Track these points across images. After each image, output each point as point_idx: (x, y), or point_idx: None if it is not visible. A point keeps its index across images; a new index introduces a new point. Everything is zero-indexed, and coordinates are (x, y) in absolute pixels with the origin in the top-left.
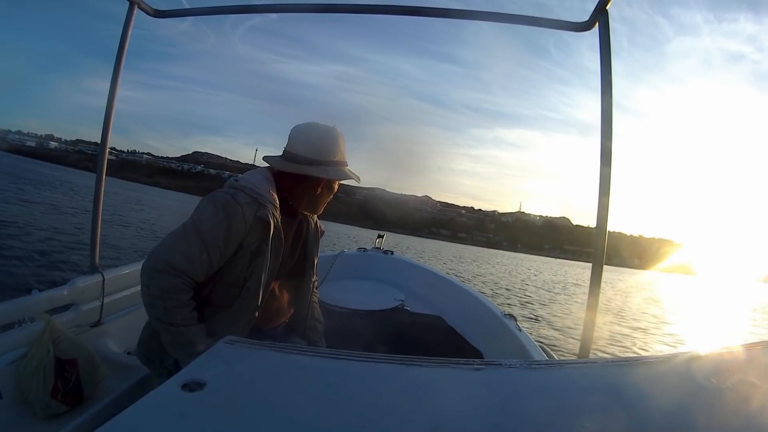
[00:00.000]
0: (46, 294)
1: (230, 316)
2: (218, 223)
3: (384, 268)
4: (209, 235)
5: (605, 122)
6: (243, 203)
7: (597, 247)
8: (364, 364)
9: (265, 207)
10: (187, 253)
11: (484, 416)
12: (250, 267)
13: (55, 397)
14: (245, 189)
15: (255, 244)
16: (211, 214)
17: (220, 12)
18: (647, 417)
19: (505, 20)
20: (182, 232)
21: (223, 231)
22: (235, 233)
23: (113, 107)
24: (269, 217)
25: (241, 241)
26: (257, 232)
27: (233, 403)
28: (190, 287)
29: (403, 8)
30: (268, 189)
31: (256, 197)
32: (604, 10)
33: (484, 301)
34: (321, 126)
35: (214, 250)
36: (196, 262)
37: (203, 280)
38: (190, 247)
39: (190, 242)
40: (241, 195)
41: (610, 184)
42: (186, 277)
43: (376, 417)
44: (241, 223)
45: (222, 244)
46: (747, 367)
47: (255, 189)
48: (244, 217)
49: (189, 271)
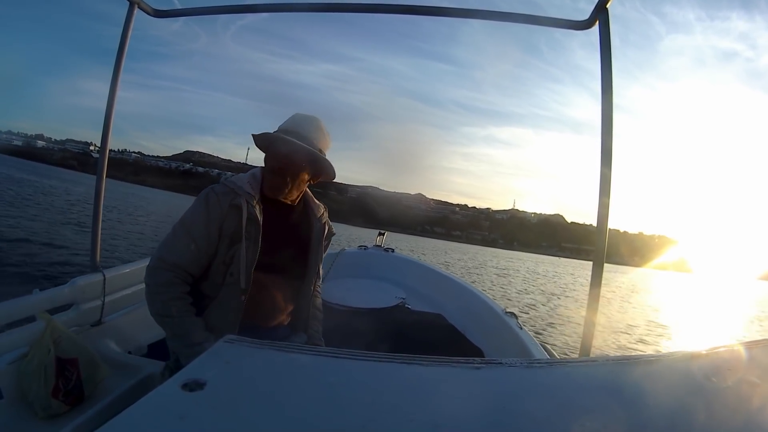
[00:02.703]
0: (46, 293)
1: (219, 305)
2: (198, 213)
3: (385, 266)
4: (192, 226)
5: (605, 121)
6: (219, 192)
7: (597, 246)
8: (364, 363)
9: (240, 196)
10: (176, 247)
11: (485, 415)
12: (230, 253)
13: (56, 396)
14: (227, 182)
15: (231, 230)
16: (194, 207)
17: (219, 12)
18: (648, 416)
19: (505, 19)
20: (172, 230)
21: (203, 219)
22: (213, 220)
23: (113, 107)
24: (243, 205)
25: (220, 228)
26: (232, 220)
27: (233, 403)
28: (184, 280)
29: (401, 7)
30: (248, 182)
31: (232, 188)
32: (604, 9)
33: (484, 299)
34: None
35: (200, 239)
36: (185, 253)
37: (199, 272)
38: (179, 240)
39: (178, 236)
40: (219, 186)
41: (611, 184)
42: (179, 269)
43: (377, 416)
44: (216, 209)
45: (205, 232)
46: (747, 366)
47: (234, 182)
48: (220, 205)
49: (181, 264)
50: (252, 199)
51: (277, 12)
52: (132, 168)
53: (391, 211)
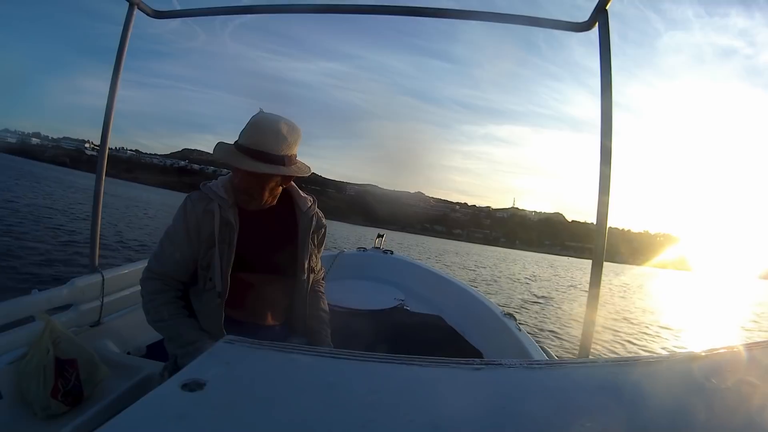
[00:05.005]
0: (45, 294)
1: (203, 309)
2: (178, 222)
3: (384, 267)
4: (173, 235)
5: (605, 122)
6: (194, 199)
7: (597, 245)
8: (364, 364)
9: (213, 201)
10: (162, 256)
11: (484, 416)
12: (206, 257)
13: (55, 397)
14: (203, 188)
15: (206, 235)
16: (175, 216)
17: (218, 13)
18: (647, 417)
19: (505, 20)
20: (160, 241)
21: (182, 227)
22: (191, 226)
23: (113, 107)
24: (216, 210)
25: (198, 234)
26: (207, 225)
27: (233, 403)
28: (173, 287)
29: (401, 8)
30: (223, 186)
31: (207, 193)
32: (604, 10)
33: (483, 301)
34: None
35: (182, 246)
36: (170, 261)
37: (186, 278)
38: (164, 250)
39: (163, 246)
40: (195, 194)
41: (610, 183)
42: (167, 277)
43: (376, 416)
44: (192, 216)
45: (186, 239)
46: (747, 367)
47: (210, 187)
48: (194, 211)
49: (168, 271)
50: (225, 202)
51: (276, 13)
52: (125, 165)
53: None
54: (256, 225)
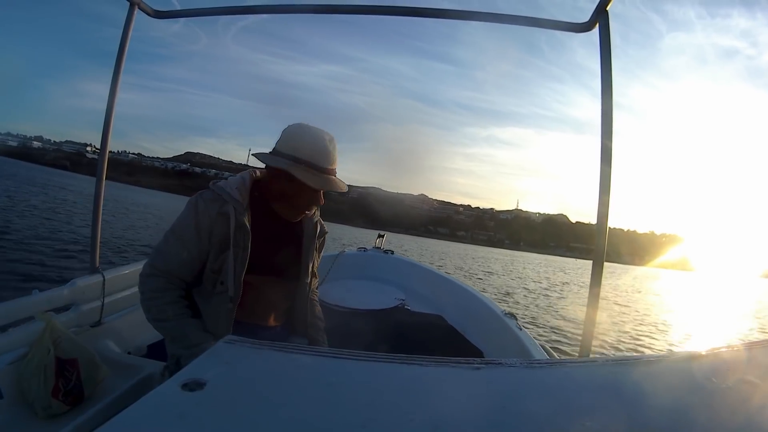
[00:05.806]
0: (46, 294)
1: (211, 312)
2: (188, 220)
3: (384, 267)
4: (182, 233)
5: (605, 122)
6: (207, 199)
7: (597, 245)
8: (364, 364)
9: (228, 203)
10: (167, 254)
11: (485, 415)
12: (218, 260)
13: (56, 396)
14: (215, 188)
15: (220, 237)
16: (183, 214)
17: (220, 13)
18: (647, 416)
19: (506, 21)
20: (164, 238)
21: (192, 226)
22: (203, 228)
23: (113, 109)
24: (231, 213)
25: (209, 235)
26: (221, 228)
27: (233, 403)
28: (178, 286)
29: (401, 9)
30: (237, 188)
31: (220, 194)
32: (605, 11)
33: (484, 300)
34: (315, 129)
35: (191, 245)
36: (176, 260)
37: (191, 279)
38: (170, 248)
39: (169, 243)
40: (207, 193)
41: (611, 183)
42: (171, 275)
43: (377, 416)
44: (204, 217)
45: (196, 239)
46: (747, 367)
47: (223, 188)
48: (208, 212)
49: (172, 270)
50: (240, 206)
51: (277, 13)
52: (126, 168)
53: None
54: (263, 228)
